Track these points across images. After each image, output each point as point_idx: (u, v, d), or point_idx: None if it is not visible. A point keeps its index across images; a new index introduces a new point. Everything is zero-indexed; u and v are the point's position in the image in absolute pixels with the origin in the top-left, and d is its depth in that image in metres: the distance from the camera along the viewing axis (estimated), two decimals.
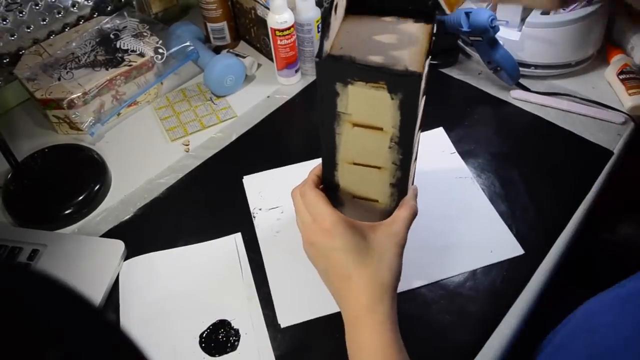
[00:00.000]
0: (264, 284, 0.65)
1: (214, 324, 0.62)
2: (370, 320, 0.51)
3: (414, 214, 0.55)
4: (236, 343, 0.60)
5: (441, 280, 0.64)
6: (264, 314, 0.62)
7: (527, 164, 0.76)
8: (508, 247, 0.67)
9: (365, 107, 0.45)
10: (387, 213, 0.55)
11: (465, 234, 0.69)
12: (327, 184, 0.55)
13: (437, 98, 0.86)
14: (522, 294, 0.63)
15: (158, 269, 0.66)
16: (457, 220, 0.70)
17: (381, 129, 0.47)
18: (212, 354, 0.59)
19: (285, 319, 0.62)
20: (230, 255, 0.68)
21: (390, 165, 0.50)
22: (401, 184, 0.52)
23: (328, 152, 0.51)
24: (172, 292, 0.64)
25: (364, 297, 0.51)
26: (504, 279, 0.64)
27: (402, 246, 0.54)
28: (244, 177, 0.78)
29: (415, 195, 0.57)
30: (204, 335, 0.61)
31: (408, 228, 0.54)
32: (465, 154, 0.78)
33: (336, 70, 0.43)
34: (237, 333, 0.61)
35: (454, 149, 0.79)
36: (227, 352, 0.59)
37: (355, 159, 0.51)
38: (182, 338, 0.60)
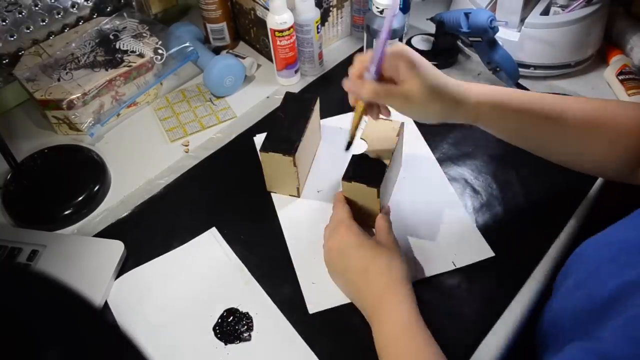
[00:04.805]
0: (258, 265, 0.67)
1: (222, 315, 0.62)
2: (392, 298, 0.56)
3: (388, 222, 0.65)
4: (251, 324, 0.62)
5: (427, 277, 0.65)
6: (266, 292, 0.64)
7: (525, 166, 0.76)
8: (477, 249, 0.67)
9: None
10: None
11: (435, 233, 0.69)
12: None
13: None
14: (518, 296, 0.63)
15: (146, 282, 0.66)
16: (431, 220, 0.71)
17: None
18: (232, 341, 0.60)
19: (314, 306, 0.63)
20: (212, 249, 0.69)
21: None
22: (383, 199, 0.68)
23: None
24: (168, 300, 0.65)
25: (383, 281, 0.58)
26: (500, 281, 0.64)
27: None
28: (256, 135, 0.83)
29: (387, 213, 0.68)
30: (217, 327, 0.61)
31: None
32: (464, 156, 0.78)
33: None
34: (247, 315, 0.62)
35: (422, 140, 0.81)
36: (246, 335, 0.61)
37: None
38: (197, 336, 0.61)
